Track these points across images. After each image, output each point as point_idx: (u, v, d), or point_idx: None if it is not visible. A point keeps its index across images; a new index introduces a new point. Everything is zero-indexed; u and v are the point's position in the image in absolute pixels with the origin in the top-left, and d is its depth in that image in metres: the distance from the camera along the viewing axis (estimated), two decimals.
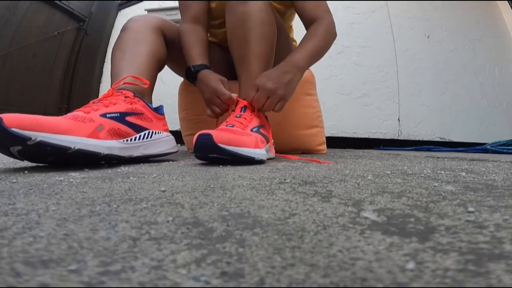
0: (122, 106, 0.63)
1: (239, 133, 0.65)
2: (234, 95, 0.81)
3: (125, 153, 0.60)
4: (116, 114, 0.60)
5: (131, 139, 0.62)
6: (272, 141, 0.85)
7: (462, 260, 0.16)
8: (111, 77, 0.83)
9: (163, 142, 0.72)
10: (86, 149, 0.51)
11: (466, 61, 2.54)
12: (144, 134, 0.66)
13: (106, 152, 0.55)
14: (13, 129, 0.44)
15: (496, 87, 2.59)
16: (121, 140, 0.60)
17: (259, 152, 0.67)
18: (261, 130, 0.77)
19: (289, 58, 0.86)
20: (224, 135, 0.60)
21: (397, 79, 2.39)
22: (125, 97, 0.66)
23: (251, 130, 0.73)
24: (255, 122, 0.77)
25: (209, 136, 0.58)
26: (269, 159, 0.78)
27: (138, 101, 0.68)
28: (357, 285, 0.14)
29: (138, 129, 0.65)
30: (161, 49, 0.90)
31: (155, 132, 0.70)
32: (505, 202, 0.30)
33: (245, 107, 0.78)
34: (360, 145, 2.29)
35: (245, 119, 0.74)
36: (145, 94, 0.78)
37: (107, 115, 0.59)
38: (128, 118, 0.63)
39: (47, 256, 0.16)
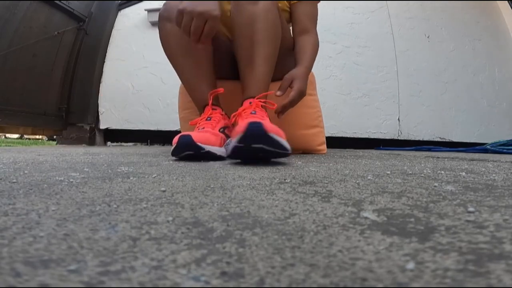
0: (222, 122, 0.85)
1: (273, 126, 0.63)
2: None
3: (225, 155, 0.77)
4: (222, 129, 0.84)
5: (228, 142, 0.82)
6: None
7: (462, 260, 0.16)
8: (185, 84, 0.95)
9: None
10: (220, 155, 0.74)
11: (466, 61, 2.54)
12: (228, 141, 0.83)
13: (223, 155, 0.76)
14: (198, 143, 0.68)
15: (496, 87, 2.59)
16: (227, 142, 0.82)
17: (288, 146, 0.65)
18: None
19: (303, 66, 0.95)
20: (272, 126, 0.60)
21: (397, 79, 2.39)
22: (221, 114, 0.87)
23: None
24: (267, 120, 0.78)
25: (261, 125, 0.57)
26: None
27: (225, 117, 0.88)
28: (357, 285, 0.14)
29: (227, 137, 0.84)
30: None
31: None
32: (505, 202, 0.30)
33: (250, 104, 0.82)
34: (360, 145, 2.29)
35: (262, 116, 0.78)
36: (219, 98, 0.94)
37: (220, 130, 0.82)
38: (226, 131, 0.85)
39: (47, 256, 0.16)
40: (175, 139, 0.70)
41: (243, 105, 0.82)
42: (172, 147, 0.72)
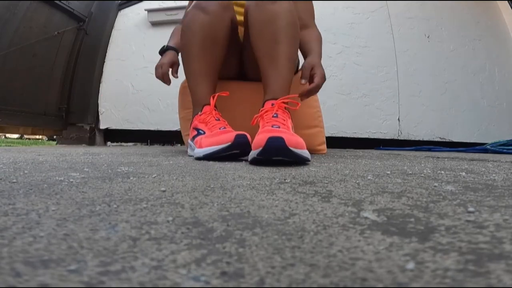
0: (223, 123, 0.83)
1: (294, 135, 0.65)
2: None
3: None
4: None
5: None
6: None
7: (462, 260, 0.16)
8: (191, 76, 0.94)
9: None
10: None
11: (466, 61, 2.54)
12: None
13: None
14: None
15: (496, 87, 2.59)
16: None
17: (308, 154, 0.67)
18: (293, 130, 0.77)
19: (316, 54, 0.97)
20: (292, 138, 0.61)
21: (397, 79, 2.39)
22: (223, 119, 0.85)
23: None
24: (289, 121, 0.77)
25: (281, 140, 0.58)
26: None
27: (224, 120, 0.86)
28: (357, 285, 0.14)
29: None
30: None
31: None
32: (505, 202, 0.30)
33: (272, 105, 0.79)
34: (360, 145, 2.29)
35: (284, 120, 0.75)
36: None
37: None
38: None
39: (47, 256, 0.16)
40: (223, 139, 0.70)
41: (265, 106, 0.80)
42: (208, 150, 0.72)
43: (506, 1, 2.66)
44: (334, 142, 2.14)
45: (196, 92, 0.92)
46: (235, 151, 0.70)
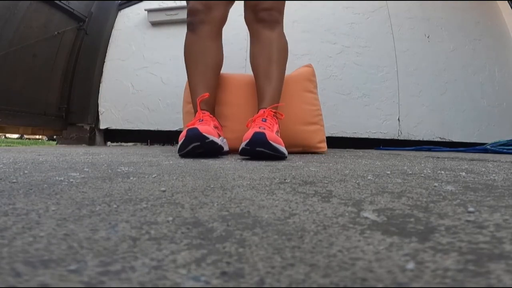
0: (212, 124, 0.94)
1: (275, 136, 0.79)
2: None
3: (224, 148, 0.91)
4: (213, 126, 0.92)
5: (222, 139, 0.96)
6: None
7: (462, 260, 0.16)
8: (190, 87, 1.09)
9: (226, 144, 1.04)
10: (220, 144, 0.83)
11: (466, 61, 2.54)
12: (222, 138, 0.99)
13: (223, 146, 0.87)
14: (203, 133, 0.77)
15: (496, 87, 2.59)
16: (221, 138, 0.94)
17: (285, 151, 0.82)
18: (278, 134, 0.93)
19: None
20: (272, 135, 0.78)
21: (397, 79, 2.39)
22: (210, 116, 0.98)
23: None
24: (276, 126, 0.93)
25: (263, 135, 0.75)
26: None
27: (214, 119, 1.00)
28: (357, 285, 0.14)
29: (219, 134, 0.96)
30: (222, 56, 1.12)
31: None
32: (505, 202, 0.30)
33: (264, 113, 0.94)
34: (360, 145, 2.29)
35: (271, 124, 0.91)
36: (210, 103, 1.07)
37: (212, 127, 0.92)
38: (217, 130, 0.94)
39: (47, 256, 0.16)
40: (183, 133, 0.79)
41: (259, 112, 0.95)
42: (179, 142, 0.81)
43: (506, 1, 2.66)
44: (334, 142, 2.14)
45: (194, 96, 1.06)
46: (196, 144, 0.79)
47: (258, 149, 0.76)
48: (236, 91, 1.18)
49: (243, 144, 0.78)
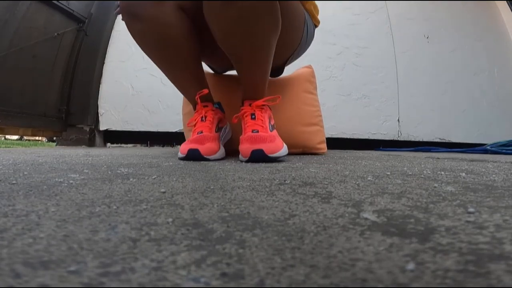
0: (216, 118, 0.90)
1: (271, 140, 0.77)
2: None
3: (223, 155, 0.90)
4: (217, 128, 0.90)
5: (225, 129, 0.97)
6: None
7: (462, 261, 0.16)
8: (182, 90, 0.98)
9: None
10: (221, 158, 0.85)
11: (465, 61, 2.54)
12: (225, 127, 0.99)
13: (223, 156, 0.88)
14: (205, 156, 0.77)
15: (496, 87, 2.60)
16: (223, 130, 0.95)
17: (284, 151, 0.80)
18: (271, 123, 0.88)
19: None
20: (270, 146, 0.75)
21: (396, 80, 2.39)
22: (212, 110, 0.90)
23: (269, 129, 0.84)
24: (266, 117, 0.86)
25: (262, 152, 0.73)
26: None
27: (217, 111, 0.93)
28: (357, 286, 0.14)
29: (220, 130, 0.93)
30: (198, 51, 0.91)
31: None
32: (505, 202, 0.30)
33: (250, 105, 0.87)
34: (360, 146, 2.29)
35: (261, 120, 0.84)
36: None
37: (216, 130, 0.89)
38: (220, 124, 0.92)
39: (47, 257, 0.16)
40: (184, 149, 0.78)
41: (244, 104, 0.88)
42: (180, 155, 0.79)
43: (505, 2, 2.66)
44: (334, 143, 2.14)
45: (184, 95, 0.99)
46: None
47: (258, 162, 0.75)
48: (228, 91, 1.16)
49: (243, 160, 0.77)
